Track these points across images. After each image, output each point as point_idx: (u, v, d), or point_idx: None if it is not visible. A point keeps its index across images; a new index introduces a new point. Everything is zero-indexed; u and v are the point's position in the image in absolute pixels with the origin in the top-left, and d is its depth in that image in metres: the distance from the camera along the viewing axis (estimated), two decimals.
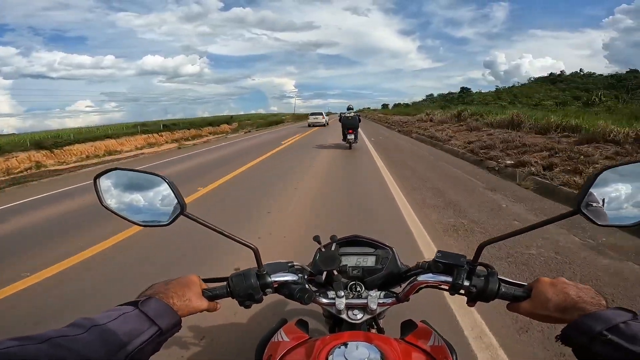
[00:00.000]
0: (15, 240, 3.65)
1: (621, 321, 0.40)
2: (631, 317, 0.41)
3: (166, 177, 0.55)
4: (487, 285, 0.56)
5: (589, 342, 0.41)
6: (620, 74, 51.15)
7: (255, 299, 0.60)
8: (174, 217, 0.55)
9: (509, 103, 25.12)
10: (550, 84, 46.04)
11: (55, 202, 5.36)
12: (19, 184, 7.52)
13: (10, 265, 2.82)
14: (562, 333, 0.45)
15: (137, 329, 0.44)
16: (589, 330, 0.41)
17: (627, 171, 0.48)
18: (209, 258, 2.67)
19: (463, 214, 3.50)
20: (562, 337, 0.45)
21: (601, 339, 0.40)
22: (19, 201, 5.58)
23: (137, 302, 0.47)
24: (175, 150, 13.55)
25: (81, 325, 0.40)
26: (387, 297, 0.67)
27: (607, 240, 2.65)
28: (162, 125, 22.08)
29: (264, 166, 7.46)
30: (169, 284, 0.54)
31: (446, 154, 7.81)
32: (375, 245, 0.77)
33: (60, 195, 5.86)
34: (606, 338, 0.40)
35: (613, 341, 0.39)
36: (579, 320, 0.44)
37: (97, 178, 0.57)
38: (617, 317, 0.41)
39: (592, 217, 0.47)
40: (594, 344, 0.41)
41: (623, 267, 2.26)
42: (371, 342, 0.53)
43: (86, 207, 4.56)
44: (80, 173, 8.96)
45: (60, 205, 5.02)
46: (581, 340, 0.42)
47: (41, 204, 5.24)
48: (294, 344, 0.61)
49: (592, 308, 0.45)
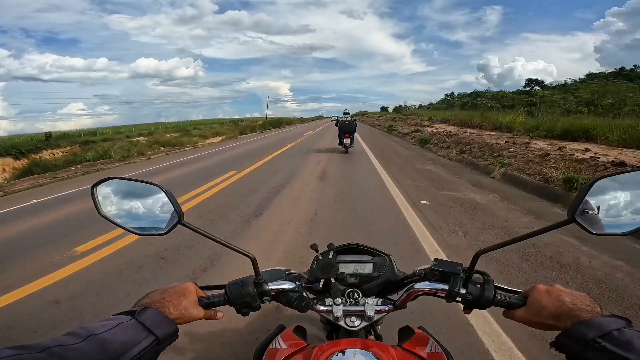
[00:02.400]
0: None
1: (614, 328, 0.40)
2: (625, 325, 0.41)
3: (163, 187, 0.55)
4: (483, 293, 0.56)
5: (582, 349, 0.41)
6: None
7: (252, 307, 0.60)
8: (171, 226, 0.56)
9: (590, 106, 15.50)
10: (623, 79, 26.63)
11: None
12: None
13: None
14: (556, 340, 0.46)
15: (134, 339, 0.44)
16: (583, 337, 0.42)
17: (621, 180, 0.49)
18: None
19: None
20: (556, 344, 0.46)
21: (594, 346, 0.40)
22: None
23: (133, 312, 0.47)
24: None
25: (78, 335, 0.41)
26: (385, 304, 0.67)
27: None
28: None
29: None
30: (165, 293, 0.54)
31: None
32: (372, 253, 0.77)
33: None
34: (599, 345, 0.40)
35: (606, 348, 0.39)
36: (573, 327, 0.44)
37: (95, 187, 0.57)
38: (611, 324, 0.41)
39: (587, 226, 0.47)
40: (588, 351, 0.41)
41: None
42: (368, 349, 0.53)
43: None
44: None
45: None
46: (575, 347, 0.42)
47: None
48: (291, 351, 0.61)
49: (586, 315, 0.45)
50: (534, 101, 21.39)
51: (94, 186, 0.57)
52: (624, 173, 0.48)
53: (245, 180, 5.89)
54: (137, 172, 7.69)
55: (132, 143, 13.88)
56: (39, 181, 7.39)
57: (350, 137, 9.22)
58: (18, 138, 17.58)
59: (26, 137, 18.81)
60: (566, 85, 32.21)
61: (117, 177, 0.57)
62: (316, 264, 0.70)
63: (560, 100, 20.07)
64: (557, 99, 20.87)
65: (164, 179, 6.51)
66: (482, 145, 7.59)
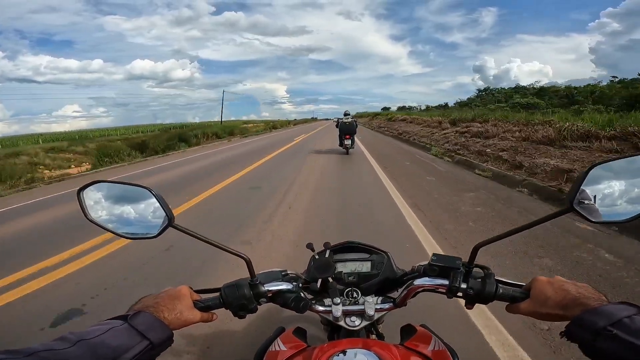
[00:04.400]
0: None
1: (625, 315, 0.40)
2: (635, 312, 0.40)
3: (152, 189, 0.54)
4: (484, 287, 0.56)
5: (593, 338, 0.40)
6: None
7: (249, 309, 0.59)
8: (162, 229, 0.54)
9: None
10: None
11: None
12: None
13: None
14: (566, 329, 0.45)
15: (126, 344, 0.43)
16: (593, 325, 0.41)
17: (617, 167, 0.48)
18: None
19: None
20: (567, 334, 0.45)
21: (605, 334, 0.39)
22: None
23: (126, 316, 0.46)
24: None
25: (68, 340, 0.39)
26: (384, 302, 0.66)
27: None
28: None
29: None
30: (158, 297, 0.53)
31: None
32: (370, 251, 0.76)
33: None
34: (611, 333, 0.39)
35: (618, 336, 0.38)
36: (582, 315, 0.43)
37: (81, 191, 0.55)
38: (621, 311, 0.40)
39: (585, 214, 0.47)
40: (599, 339, 0.40)
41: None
42: (370, 348, 0.52)
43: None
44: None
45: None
46: (585, 336, 0.41)
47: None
48: (291, 353, 0.60)
49: (594, 303, 0.44)
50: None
51: (80, 190, 0.55)
52: (620, 159, 0.48)
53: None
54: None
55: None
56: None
57: (351, 139, 9.38)
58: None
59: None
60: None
61: (103, 180, 0.56)
62: (313, 263, 0.68)
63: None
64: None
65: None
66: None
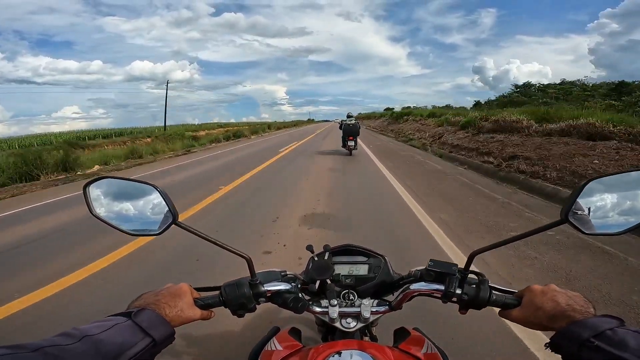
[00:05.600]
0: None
1: (607, 328, 0.41)
2: (618, 324, 0.42)
3: (158, 186, 0.55)
4: (478, 293, 0.57)
5: (577, 350, 0.42)
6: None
7: (248, 309, 0.60)
8: (165, 227, 0.55)
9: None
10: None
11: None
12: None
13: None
14: (552, 341, 0.46)
15: (130, 340, 0.43)
16: (577, 337, 0.42)
17: (612, 182, 0.50)
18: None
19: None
20: (551, 345, 0.46)
21: (589, 346, 0.41)
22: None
23: (129, 313, 0.47)
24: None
25: (73, 335, 0.40)
26: (380, 305, 0.67)
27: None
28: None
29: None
30: (159, 294, 0.53)
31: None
32: (368, 254, 0.77)
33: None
34: (593, 345, 0.40)
35: (600, 348, 0.40)
36: (567, 328, 0.44)
37: (87, 186, 0.56)
38: (604, 324, 0.42)
39: (579, 226, 0.48)
40: (583, 351, 0.41)
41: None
42: (365, 350, 0.53)
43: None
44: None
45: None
46: (570, 347, 0.43)
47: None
48: (287, 352, 0.61)
49: (579, 316, 0.45)
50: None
51: (86, 185, 0.56)
52: (615, 174, 0.50)
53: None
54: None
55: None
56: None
57: (354, 140, 9.46)
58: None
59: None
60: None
61: (110, 176, 0.57)
62: (312, 265, 0.69)
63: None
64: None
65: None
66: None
